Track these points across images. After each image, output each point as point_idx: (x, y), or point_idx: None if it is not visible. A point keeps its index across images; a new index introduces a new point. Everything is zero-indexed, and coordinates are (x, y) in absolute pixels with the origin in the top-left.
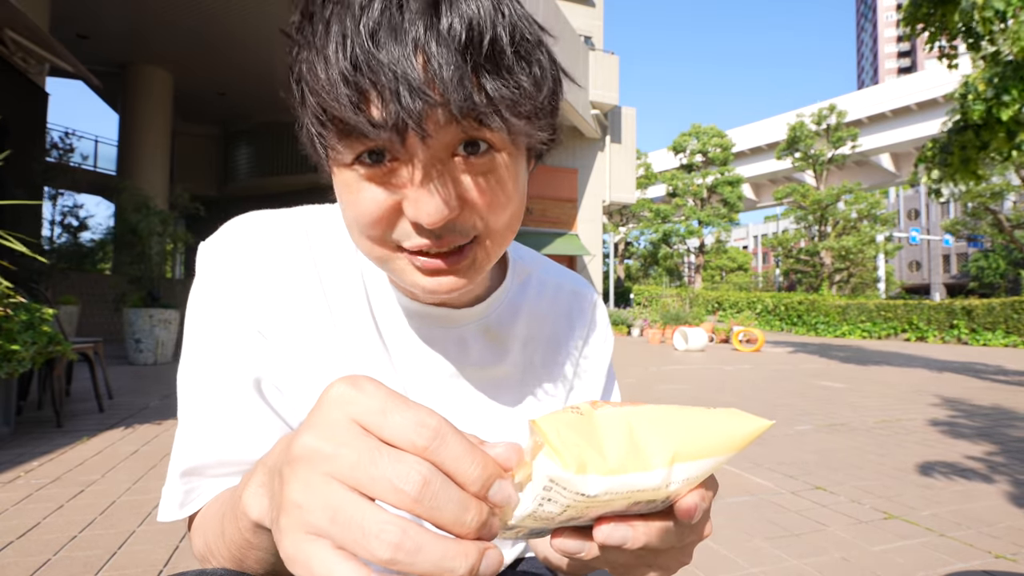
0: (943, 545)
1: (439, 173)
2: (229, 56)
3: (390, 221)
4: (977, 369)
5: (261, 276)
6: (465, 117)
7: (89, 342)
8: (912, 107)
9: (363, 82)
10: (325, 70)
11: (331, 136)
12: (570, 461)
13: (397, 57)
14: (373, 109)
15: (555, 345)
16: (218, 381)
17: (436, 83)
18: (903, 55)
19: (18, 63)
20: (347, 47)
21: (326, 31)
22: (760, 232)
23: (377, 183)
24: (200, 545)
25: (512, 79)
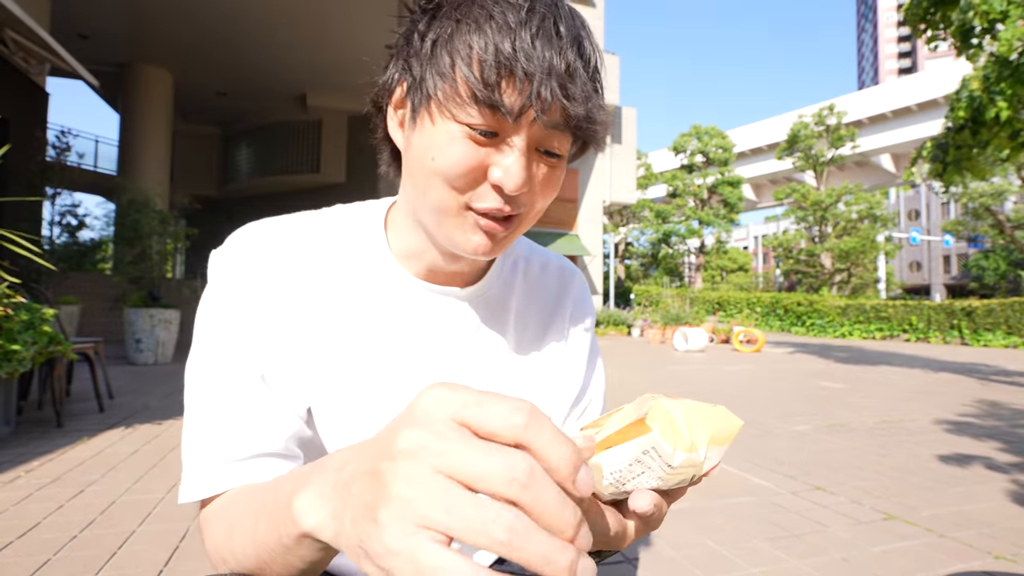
0: (943, 546)
1: (527, 156)
2: (229, 56)
3: (472, 179)
4: (977, 369)
5: (269, 278)
6: (578, 126)
7: (89, 342)
8: (912, 107)
9: (516, 66)
10: (480, 43)
11: (455, 95)
12: (669, 436)
13: (549, 58)
14: (510, 89)
15: (546, 316)
16: (227, 373)
17: (573, 91)
18: (903, 55)
19: (18, 63)
20: (509, 34)
21: (487, 17)
22: (760, 233)
23: (477, 143)
24: (218, 539)
25: (603, 110)
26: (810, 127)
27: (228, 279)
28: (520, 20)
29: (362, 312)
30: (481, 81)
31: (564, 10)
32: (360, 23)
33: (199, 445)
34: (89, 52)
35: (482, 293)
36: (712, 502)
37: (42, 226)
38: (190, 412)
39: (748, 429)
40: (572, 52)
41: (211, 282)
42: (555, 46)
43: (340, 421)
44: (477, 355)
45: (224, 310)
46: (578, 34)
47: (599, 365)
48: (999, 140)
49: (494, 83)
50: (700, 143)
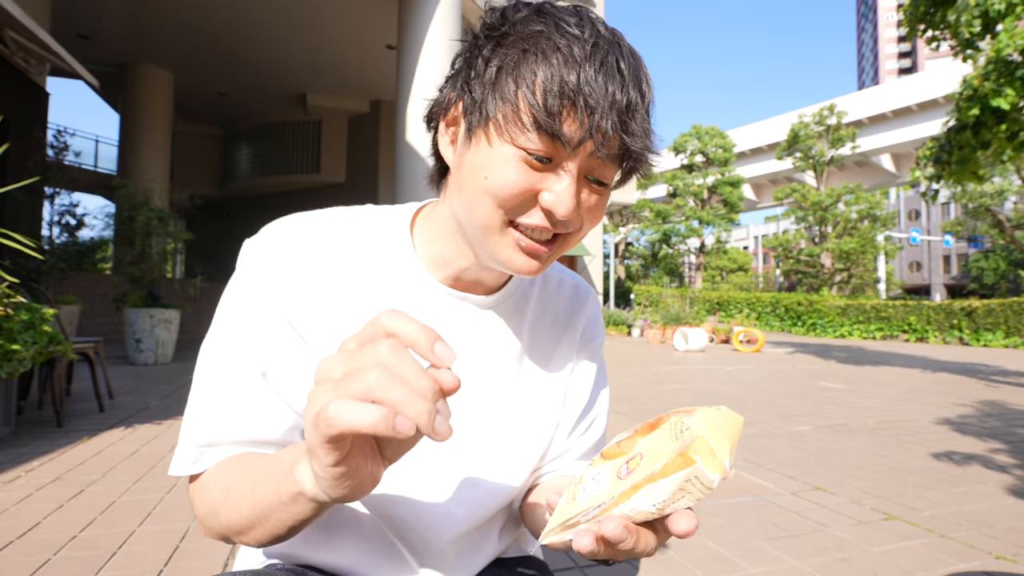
0: (943, 546)
1: (578, 184)
2: (229, 56)
3: (522, 200)
4: (977, 369)
5: (294, 269)
6: (632, 157)
7: (89, 342)
8: (913, 108)
9: (578, 97)
10: (545, 72)
11: (517, 121)
12: (709, 463)
13: (613, 91)
14: (570, 119)
15: (558, 330)
16: (234, 366)
17: (632, 126)
18: (903, 55)
19: (18, 63)
20: (575, 67)
21: (554, 48)
22: (760, 233)
23: (531, 168)
24: (214, 497)
25: (653, 147)
26: (810, 127)
27: (253, 271)
28: (585, 54)
29: (388, 303)
30: (544, 109)
31: (625, 48)
32: (360, 23)
33: (198, 426)
34: (89, 52)
35: (501, 302)
36: (712, 502)
37: (42, 226)
38: (195, 392)
39: (748, 429)
40: (633, 89)
41: (238, 270)
42: (617, 82)
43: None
44: (491, 362)
45: (242, 302)
46: (638, 72)
47: (605, 387)
48: (999, 141)
49: (556, 112)
50: (700, 143)
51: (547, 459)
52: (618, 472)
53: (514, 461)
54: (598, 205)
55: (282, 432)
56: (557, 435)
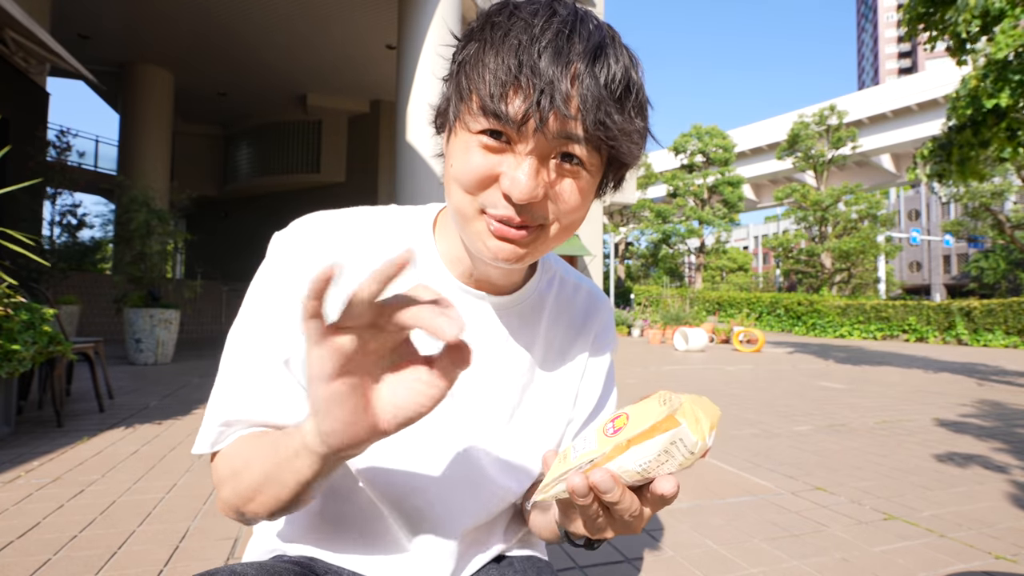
0: (943, 546)
1: (538, 165)
2: (229, 56)
3: (485, 184)
4: (977, 369)
5: (319, 263)
6: (589, 131)
7: (89, 342)
8: (913, 107)
9: (521, 79)
10: (494, 61)
11: (471, 108)
12: (694, 428)
13: (552, 71)
14: (515, 100)
15: (572, 334)
16: (258, 353)
17: (576, 101)
18: (903, 55)
19: (19, 63)
20: (517, 52)
21: (504, 36)
22: (761, 233)
23: (490, 152)
24: (234, 466)
25: (628, 122)
26: (811, 127)
27: (281, 262)
28: (532, 36)
29: None
30: (488, 94)
31: (587, 25)
32: (360, 23)
33: (220, 406)
34: (89, 52)
35: (518, 303)
36: (712, 502)
37: (42, 226)
38: (221, 377)
39: (748, 429)
40: (583, 62)
41: (267, 260)
42: (563, 59)
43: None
44: (504, 362)
45: (269, 291)
46: (598, 45)
47: (614, 390)
48: (999, 140)
49: (499, 95)
50: (700, 143)
51: None
52: (604, 430)
53: (526, 455)
54: (569, 189)
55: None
56: (567, 433)
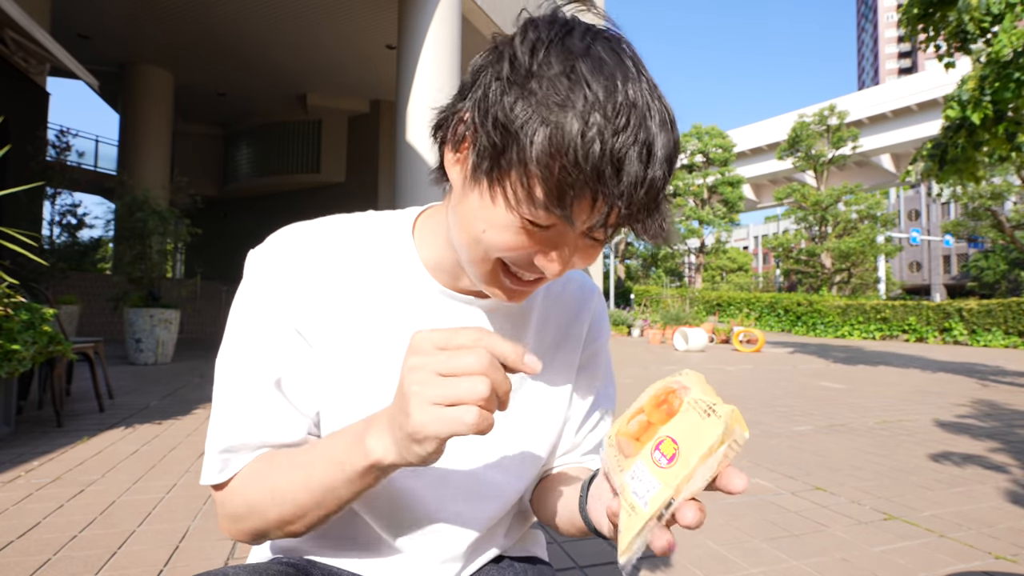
0: (943, 546)
1: (573, 252)
2: (229, 56)
3: (520, 258)
4: (977, 370)
5: (300, 279)
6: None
7: (89, 342)
8: (913, 108)
9: (601, 189)
10: (564, 152)
11: (529, 192)
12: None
13: (637, 179)
14: (585, 205)
15: (564, 328)
16: (248, 376)
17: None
18: (903, 55)
19: (18, 63)
20: (595, 148)
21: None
22: (760, 233)
23: (529, 235)
24: (253, 499)
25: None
26: (811, 127)
27: (257, 281)
28: (611, 133)
29: (384, 318)
30: (556, 192)
31: (657, 117)
32: (360, 23)
33: (219, 434)
34: (89, 52)
35: (506, 305)
36: (712, 502)
37: (42, 226)
38: (216, 405)
39: (748, 429)
40: (660, 170)
41: (245, 280)
42: (639, 168)
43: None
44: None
45: (252, 313)
46: (668, 145)
47: (612, 380)
48: (996, 141)
49: (569, 200)
50: (700, 143)
51: (556, 455)
52: (655, 462)
53: (522, 459)
54: (593, 256)
55: (298, 438)
56: (566, 431)
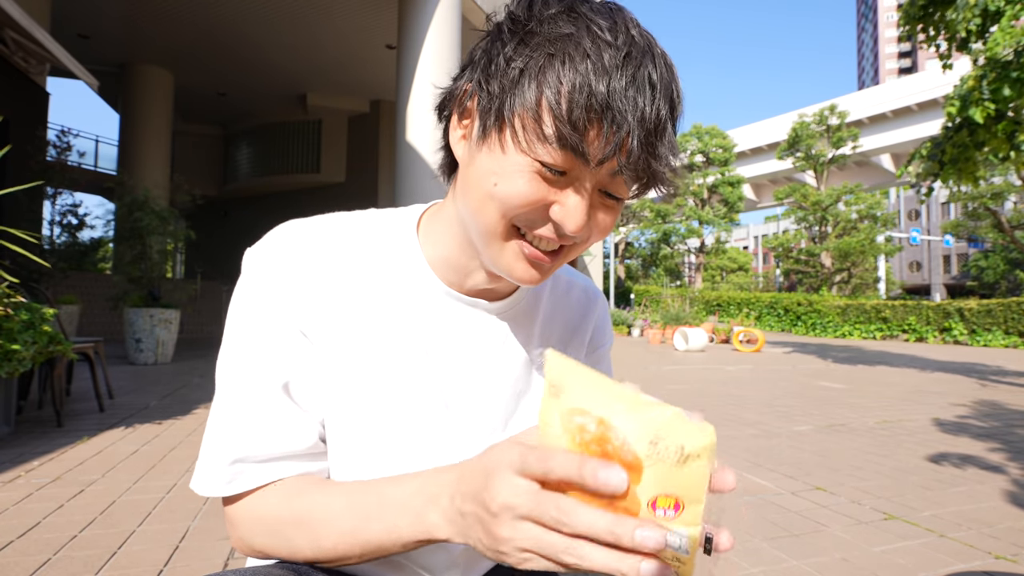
0: (943, 546)
1: (591, 200)
2: (229, 56)
3: (532, 211)
4: (977, 370)
5: (302, 279)
6: (657, 179)
7: (89, 342)
8: (913, 107)
9: (606, 112)
10: (573, 80)
11: (537, 131)
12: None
13: (643, 106)
14: (596, 136)
15: (568, 333)
16: (255, 381)
17: (657, 147)
18: (903, 55)
19: (18, 63)
20: (604, 77)
21: (584, 53)
22: (760, 232)
23: (544, 180)
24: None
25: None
26: (811, 127)
27: (258, 281)
28: (617, 63)
29: (389, 320)
30: (568, 122)
31: (660, 58)
32: (360, 23)
33: (226, 442)
34: (89, 52)
35: (511, 307)
36: None
37: (42, 226)
38: (217, 409)
39: (748, 429)
40: (664, 103)
41: (242, 281)
42: (648, 96)
43: (357, 428)
44: (501, 369)
45: (252, 314)
46: (671, 84)
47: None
48: (996, 141)
49: (581, 127)
50: (700, 143)
51: None
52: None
53: None
54: (610, 220)
55: (310, 443)
56: None
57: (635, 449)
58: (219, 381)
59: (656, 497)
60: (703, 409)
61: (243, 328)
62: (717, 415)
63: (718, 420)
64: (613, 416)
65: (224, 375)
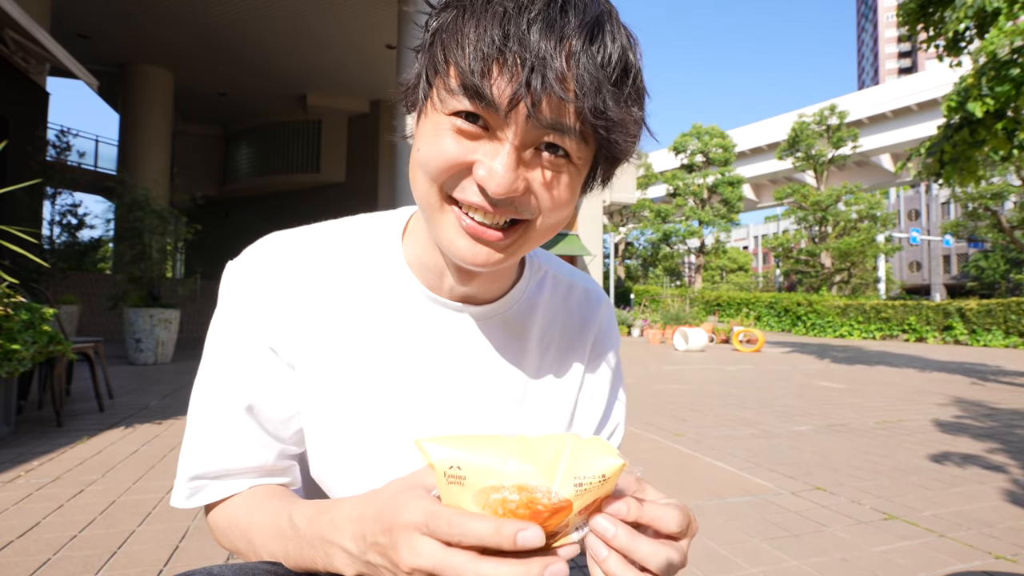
0: (943, 546)
1: (519, 155)
2: (229, 56)
3: (458, 174)
4: (976, 370)
5: (274, 294)
6: (585, 120)
7: (89, 342)
8: (912, 107)
9: (506, 53)
10: (475, 30)
11: (447, 84)
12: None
13: (545, 46)
14: (500, 79)
15: (568, 339)
16: (217, 403)
17: (571, 83)
18: (903, 55)
19: (18, 63)
20: (503, 21)
21: (486, 2)
22: (760, 233)
23: (464, 137)
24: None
25: (626, 111)
26: (811, 127)
27: (229, 301)
28: (520, 5)
29: (367, 326)
30: (468, 69)
31: (585, 4)
32: (360, 23)
33: (188, 460)
34: (89, 52)
35: (501, 312)
36: (712, 502)
37: (42, 226)
38: (188, 428)
39: (748, 429)
40: (579, 39)
41: (221, 298)
42: (556, 33)
43: (336, 435)
44: (490, 379)
45: (225, 335)
46: (595, 20)
47: (621, 393)
48: (996, 140)
49: (481, 70)
50: (700, 143)
51: None
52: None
53: None
54: (559, 186)
55: (267, 461)
56: None
57: (563, 495)
58: (191, 401)
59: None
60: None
61: (213, 350)
62: (717, 415)
63: (718, 420)
64: (526, 477)
65: (194, 395)
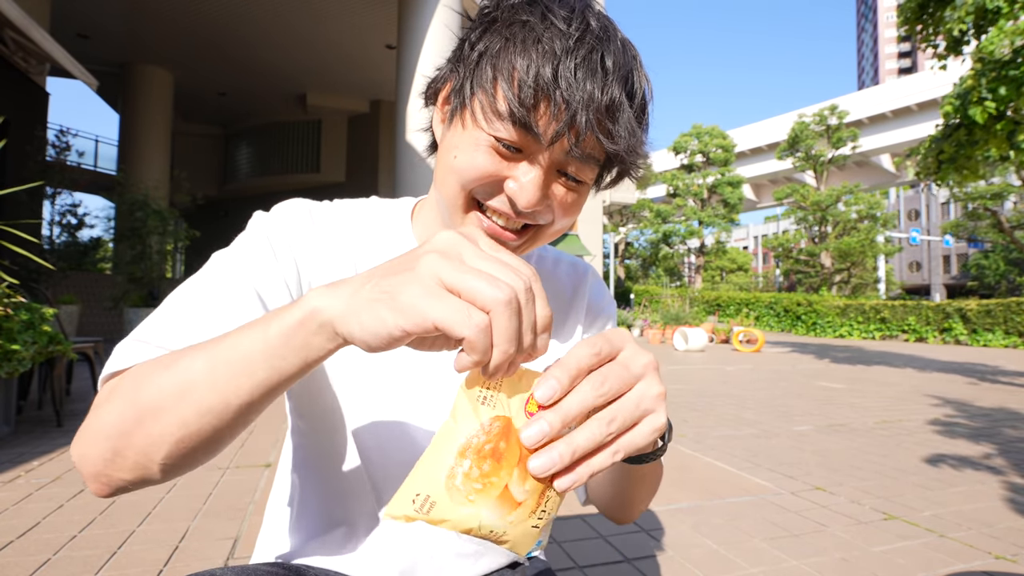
0: (943, 546)
1: (546, 178)
2: (229, 56)
3: (489, 185)
4: (976, 370)
5: (306, 233)
6: (614, 160)
7: (89, 342)
8: (912, 107)
9: (555, 92)
10: (523, 63)
11: (493, 107)
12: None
13: (592, 88)
14: (544, 114)
15: (564, 306)
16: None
17: (608, 126)
18: (903, 55)
19: (18, 63)
20: (553, 60)
21: (536, 40)
22: (760, 233)
23: (499, 155)
24: (144, 378)
25: (644, 146)
26: (811, 127)
27: (261, 224)
28: (567, 48)
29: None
30: (518, 100)
31: (616, 43)
32: (360, 23)
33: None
34: (89, 52)
35: None
36: (712, 502)
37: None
38: (163, 304)
39: (748, 429)
40: (618, 87)
41: (249, 227)
42: (598, 79)
43: (333, 409)
44: None
45: (251, 238)
46: (628, 70)
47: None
48: (996, 140)
49: (530, 105)
50: (700, 143)
51: None
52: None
53: None
54: (573, 202)
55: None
56: None
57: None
58: (185, 283)
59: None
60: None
61: (232, 249)
62: (717, 415)
63: (718, 420)
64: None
65: (193, 278)
